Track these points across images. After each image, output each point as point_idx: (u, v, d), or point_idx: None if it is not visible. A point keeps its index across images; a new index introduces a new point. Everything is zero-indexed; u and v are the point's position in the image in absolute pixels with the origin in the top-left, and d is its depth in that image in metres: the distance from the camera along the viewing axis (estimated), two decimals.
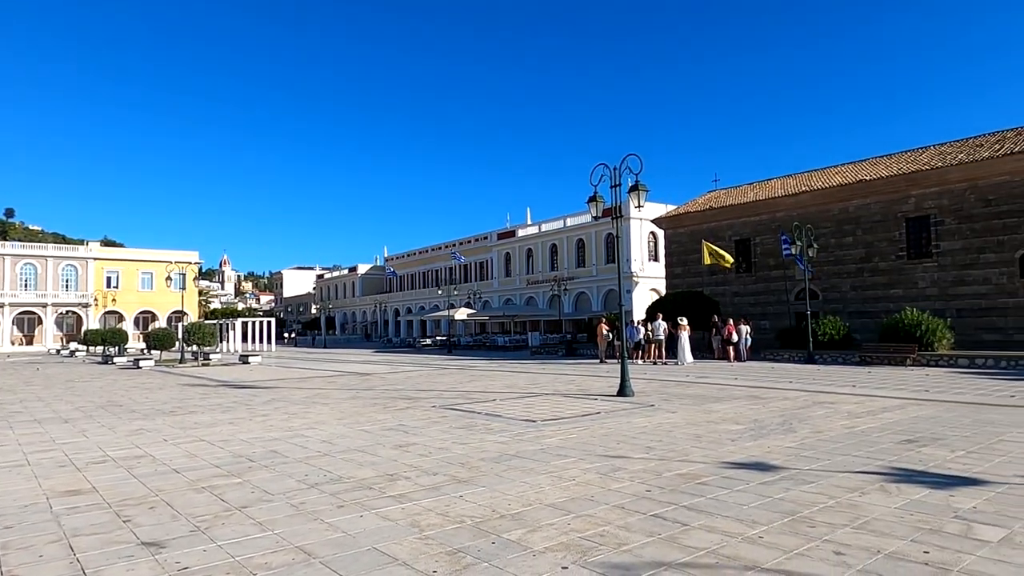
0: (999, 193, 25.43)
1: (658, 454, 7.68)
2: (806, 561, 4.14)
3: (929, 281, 27.19)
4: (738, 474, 6.58)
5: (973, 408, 11.32)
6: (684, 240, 37.16)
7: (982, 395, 13.26)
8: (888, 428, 9.29)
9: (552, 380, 18.53)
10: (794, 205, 31.77)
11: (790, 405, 12.05)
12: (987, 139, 28.38)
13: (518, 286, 59.39)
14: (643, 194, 13.90)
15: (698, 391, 14.84)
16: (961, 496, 5.63)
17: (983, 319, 25.50)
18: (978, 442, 8.11)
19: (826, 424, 9.74)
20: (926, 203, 27.47)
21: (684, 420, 10.42)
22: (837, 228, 30.21)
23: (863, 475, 6.47)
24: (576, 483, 6.31)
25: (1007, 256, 25.14)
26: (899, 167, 29.31)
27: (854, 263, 29.63)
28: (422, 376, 21.46)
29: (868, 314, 28.06)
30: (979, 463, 6.93)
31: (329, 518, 5.25)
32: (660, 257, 43.56)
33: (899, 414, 10.68)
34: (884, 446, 7.95)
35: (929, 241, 27.38)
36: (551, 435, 9.13)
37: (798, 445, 8.11)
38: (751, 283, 33.71)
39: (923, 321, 22.71)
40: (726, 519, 5.06)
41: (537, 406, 12.49)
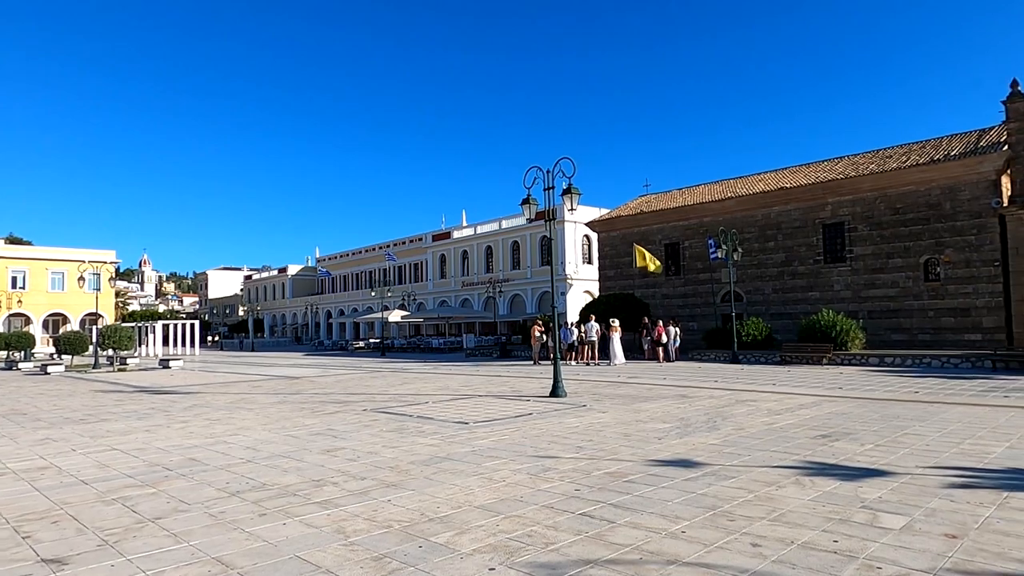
0: (905, 202, 27.13)
1: (588, 453, 7.79)
2: (725, 554, 4.28)
3: (843, 284, 28.72)
4: (664, 471, 6.74)
5: (881, 404, 12.00)
6: (617, 243, 37.91)
7: (890, 391, 14.08)
8: (804, 424, 9.74)
9: (486, 382, 18.52)
10: (721, 211, 32.93)
11: (715, 403, 12.46)
12: (895, 151, 30.23)
13: (453, 288, 59.15)
14: (576, 197, 14.09)
15: (628, 391, 15.15)
16: (868, 487, 5.95)
17: (891, 320, 27.13)
18: (885, 436, 8.60)
19: (748, 421, 10.12)
20: (841, 210, 29.01)
21: (614, 420, 10.61)
22: (760, 233, 31.50)
23: (780, 469, 6.75)
24: (506, 484, 6.31)
25: (913, 261, 26.83)
26: (817, 176, 30.84)
27: (776, 267, 30.97)
28: (354, 379, 21.06)
29: (788, 315, 29.37)
30: (885, 456, 7.35)
31: (250, 527, 5.06)
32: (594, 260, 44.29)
33: (815, 411, 11.20)
34: (800, 441, 8.32)
35: (843, 246, 28.92)
36: (483, 437, 9.12)
37: (721, 442, 8.39)
38: (680, 286, 34.71)
39: (838, 322, 23.94)
40: (651, 516, 5.17)
41: (470, 408, 12.45)
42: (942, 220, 26.17)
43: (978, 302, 25.19)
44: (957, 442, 8.07)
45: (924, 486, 5.96)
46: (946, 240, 26.01)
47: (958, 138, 28.48)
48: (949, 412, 10.70)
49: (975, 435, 8.53)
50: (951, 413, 10.58)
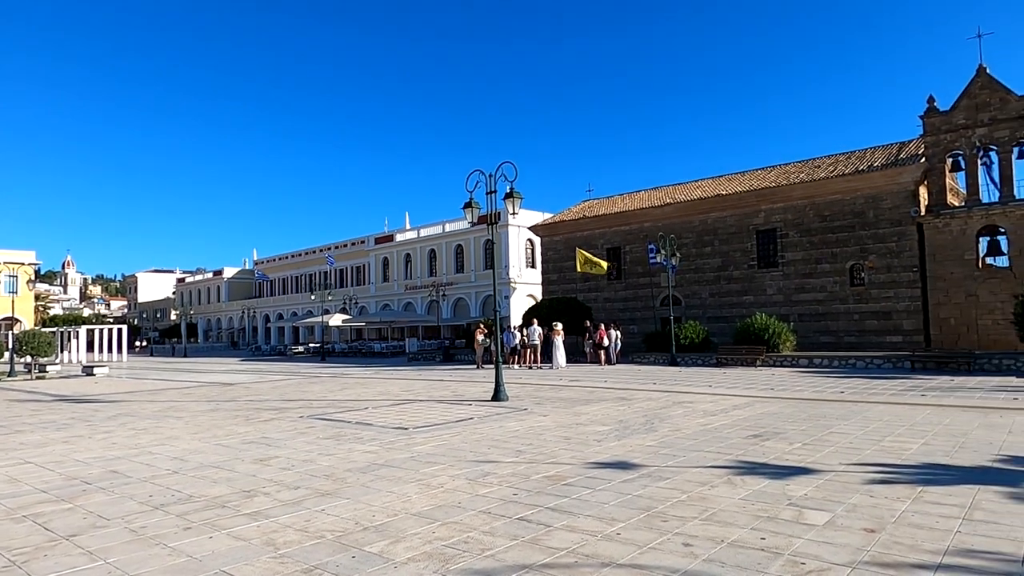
0: (833, 210, 28.39)
1: (527, 457, 7.80)
2: (658, 554, 4.34)
3: (776, 288, 29.80)
4: (602, 473, 6.81)
5: (810, 404, 12.48)
6: (560, 247, 38.28)
7: (817, 392, 14.67)
8: (737, 424, 10.03)
9: (428, 386, 18.36)
10: (660, 216, 33.68)
11: (653, 405, 12.70)
12: (824, 161, 31.61)
13: (396, 291, 58.49)
14: (518, 201, 14.15)
15: (570, 394, 15.29)
16: (795, 485, 6.16)
17: (820, 323, 28.31)
18: (812, 435, 8.94)
19: (684, 422, 10.35)
20: (773, 217, 30.12)
21: (555, 423, 10.67)
22: (698, 239, 32.38)
23: (713, 469, 6.92)
24: (444, 490, 6.25)
25: (840, 267, 28.09)
26: (751, 184, 31.93)
27: (712, 271, 31.88)
28: (291, 385, 20.52)
29: (724, 319, 30.27)
30: (812, 454, 7.63)
31: (173, 542, 4.84)
32: (538, 264, 44.57)
33: (748, 411, 11.56)
34: (733, 441, 8.56)
35: (776, 252, 30.03)
36: (423, 442, 9.02)
37: (658, 443, 8.55)
38: (621, 290, 35.31)
39: (770, 325, 24.80)
40: (587, 518, 5.21)
41: (410, 413, 12.31)
42: (866, 228, 27.50)
43: (899, 306, 26.56)
44: (878, 439, 8.46)
45: (847, 483, 6.21)
46: (870, 247, 27.34)
47: (881, 150, 30.00)
48: (871, 411, 11.21)
49: (894, 432, 8.97)
50: (873, 412, 11.09)
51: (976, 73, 25.32)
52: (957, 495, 5.69)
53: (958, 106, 25.55)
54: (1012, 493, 5.75)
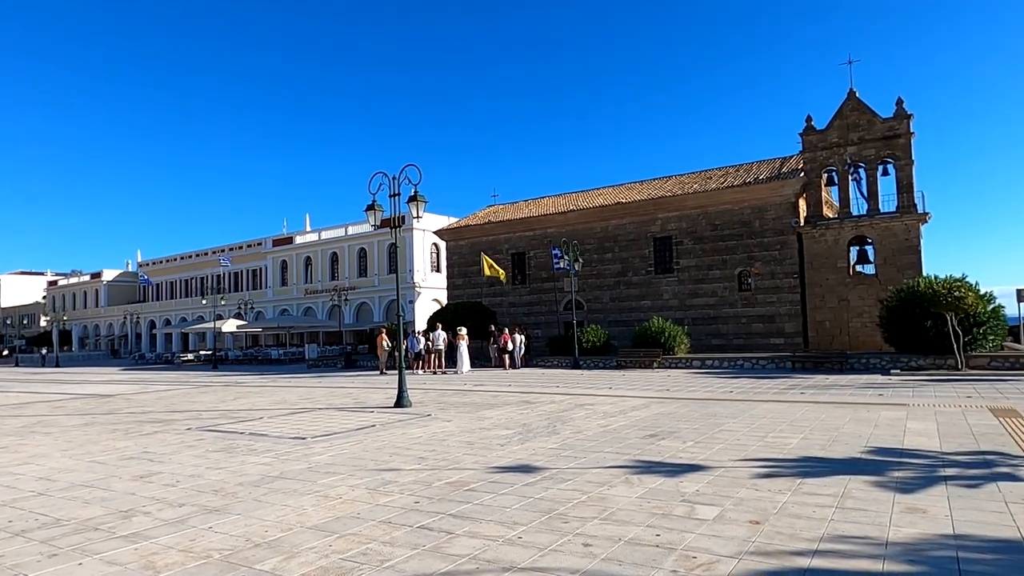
0: (723, 219, 30.07)
1: (430, 464, 7.70)
2: (558, 556, 4.39)
3: (671, 293, 31.18)
4: (505, 478, 6.83)
5: (702, 403, 13.11)
6: (465, 252, 38.28)
7: (709, 392, 15.44)
8: (635, 425, 10.37)
9: (328, 394, 17.79)
10: (563, 222, 34.42)
11: (556, 408, 12.91)
12: (715, 172, 33.44)
13: (295, 296, 56.41)
14: (422, 205, 14.00)
15: (474, 399, 15.27)
16: (688, 482, 6.43)
17: (711, 326, 29.87)
18: (704, 433, 9.38)
19: (585, 424, 10.58)
20: (669, 225, 31.52)
21: (459, 428, 10.61)
22: (599, 245, 33.34)
23: (612, 469, 7.11)
24: (343, 501, 6.05)
25: (729, 273, 29.77)
26: (649, 193, 33.27)
27: (613, 277, 32.92)
28: (179, 395, 19.30)
29: (624, 322, 31.31)
30: (704, 451, 8.00)
31: (35, 571, 4.39)
32: (443, 268, 44.35)
33: (645, 412, 11.98)
34: (631, 441, 8.84)
35: (671, 258, 31.43)
36: (321, 452, 8.71)
37: (560, 445, 8.68)
38: (526, 294, 35.76)
39: (666, 329, 25.89)
40: (489, 523, 5.19)
41: (309, 422, 11.87)
42: (752, 236, 29.31)
43: (781, 309, 28.47)
44: (763, 436, 9.00)
45: (735, 478, 6.55)
46: (756, 254, 29.15)
47: (766, 164, 32.11)
48: (757, 409, 11.92)
49: (777, 429, 9.57)
50: (759, 410, 11.80)
51: (847, 96, 27.63)
52: (831, 485, 6.13)
53: (832, 126, 27.79)
54: (878, 482, 6.26)
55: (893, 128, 26.65)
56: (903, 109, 26.59)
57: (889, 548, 4.41)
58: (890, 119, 26.75)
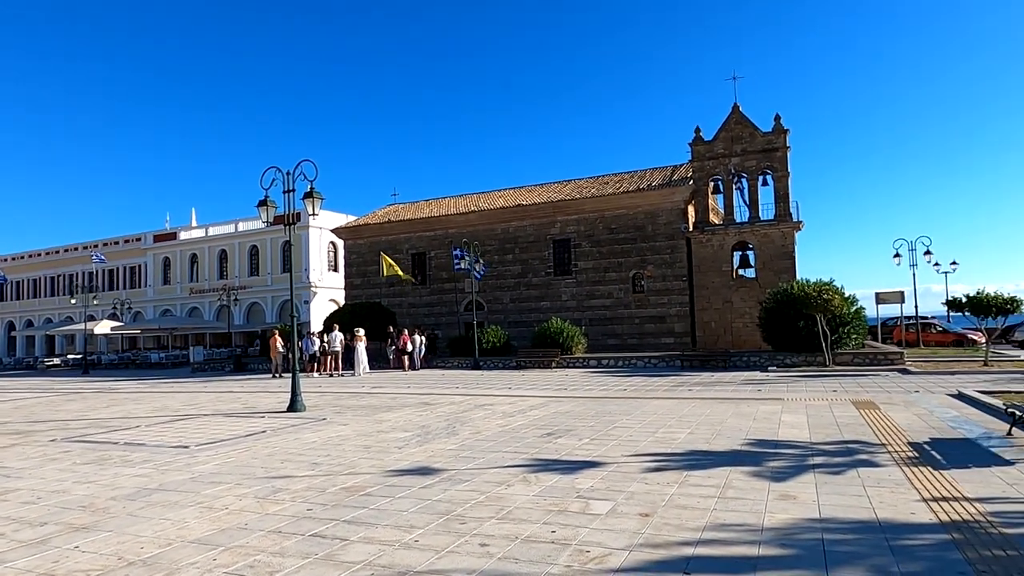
0: (619, 223, 31.16)
1: (324, 469, 7.46)
2: (456, 558, 4.38)
3: (570, 295, 31.94)
4: (402, 481, 6.73)
5: (597, 401, 13.51)
6: (364, 251, 37.45)
7: (604, 390, 15.94)
8: (534, 424, 10.53)
9: (215, 399, 16.85)
10: (464, 223, 34.44)
11: (455, 409, 12.88)
12: (612, 178, 34.59)
13: (179, 295, 53.00)
14: (318, 202, 13.56)
15: (372, 401, 14.96)
16: (583, 478, 6.60)
17: (607, 326, 30.87)
18: (599, 430, 9.67)
19: (485, 425, 10.63)
20: (568, 228, 32.28)
21: (355, 432, 10.36)
22: (500, 246, 33.62)
23: (511, 469, 7.18)
24: (229, 512, 5.74)
25: (624, 275, 30.89)
26: (549, 196, 33.92)
27: (513, 278, 33.30)
28: (42, 404, 17.63)
29: (524, 323, 31.73)
30: (598, 448, 8.25)
31: None
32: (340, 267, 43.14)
33: (543, 411, 12.19)
34: (529, 440, 8.97)
35: (570, 260, 32.20)
36: (206, 461, 8.22)
37: (459, 446, 8.67)
38: (426, 295, 35.46)
39: (564, 329, 26.49)
40: (386, 528, 5.10)
41: (193, 429, 11.19)
42: (646, 240, 30.57)
43: (671, 311, 29.87)
44: (653, 431, 9.39)
45: (627, 472, 6.80)
46: (648, 257, 30.42)
47: (659, 171, 33.59)
48: (649, 406, 12.43)
49: (667, 424, 10.02)
50: (650, 406, 12.31)
51: (732, 110, 29.41)
52: (715, 477, 6.50)
53: (718, 137, 29.47)
54: (755, 472, 6.70)
55: (772, 142, 28.63)
56: (780, 124, 28.62)
57: (764, 534, 4.72)
58: (769, 133, 28.71)
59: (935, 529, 4.73)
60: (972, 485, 5.95)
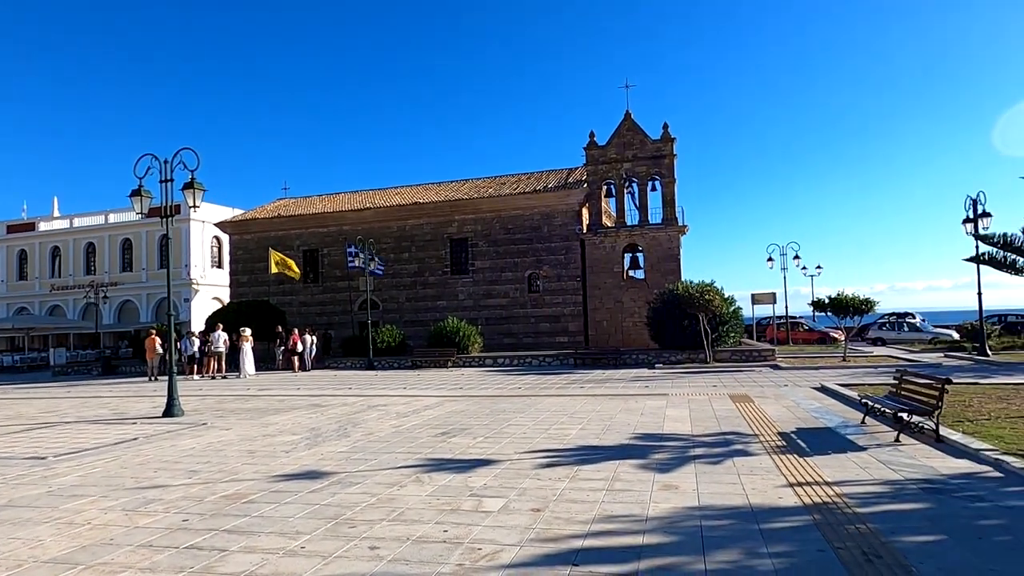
0: (516, 224, 31.53)
1: (203, 477, 7.03)
2: (344, 562, 4.25)
3: (467, 294, 31.96)
4: (288, 486, 6.46)
5: (492, 400, 13.60)
6: (251, 247, 35.68)
7: (499, 388, 16.07)
8: (428, 424, 10.44)
9: (79, 405, 15.46)
10: (359, 220, 33.62)
11: (348, 411, 12.54)
12: (510, 178, 34.95)
13: (38, 292, 48.20)
14: (200, 193, 12.76)
15: (258, 404, 14.28)
16: (477, 476, 6.61)
17: (504, 326, 31.15)
18: (493, 428, 9.73)
19: (378, 426, 10.41)
20: (466, 227, 32.29)
21: (239, 436, 9.84)
22: (396, 244, 33.10)
23: (404, 469, 7.07)
24: (92, 527, 5.28)
25: (520, 275, 31.29)
26: (446, 194, 33.78)
27: (409, 277, 32.88)
28: None
29: (420, 322, 31.40)
30: (492, 446, 8.30)
31: None
32: (225, 264, 40.84)
33: (438, 411, 12.12)
34: (423, 440, 8.87)
35: (467, 260, 32.22)
36: (66, 473, 7.52)
37: (350, 448, 8.44)
38: (319, 293, 34.31)
39: (461, 328, 26.48)
40: (270, 535, 4.87)
41: (51, 439, 10.20)
42: (542, 241, 31.13)
43: (566, 310, 30.59)
44: (546, 428, 9.57)
45: (520, 469, 6.88)
46: (544, 258, 30.99)
47: (555, 173, 34.30)
48: (542, 403, 12.66)
49: (559, 421, 10.24)
50: (544, 404, 12.54)
51: (624, 117, 30.54)
52: (604, 471, 6.71)
53: (611, 143, 30.50)
54: (642, 464, 6.98)
55: (660, 149, 30.00)
56: (668, 133, 30.04)
57: (648, 523, 4.93)
58: (658, 141, 30.06)
59: (799, 512, 5.13)
60: (831, 470, 6.49)
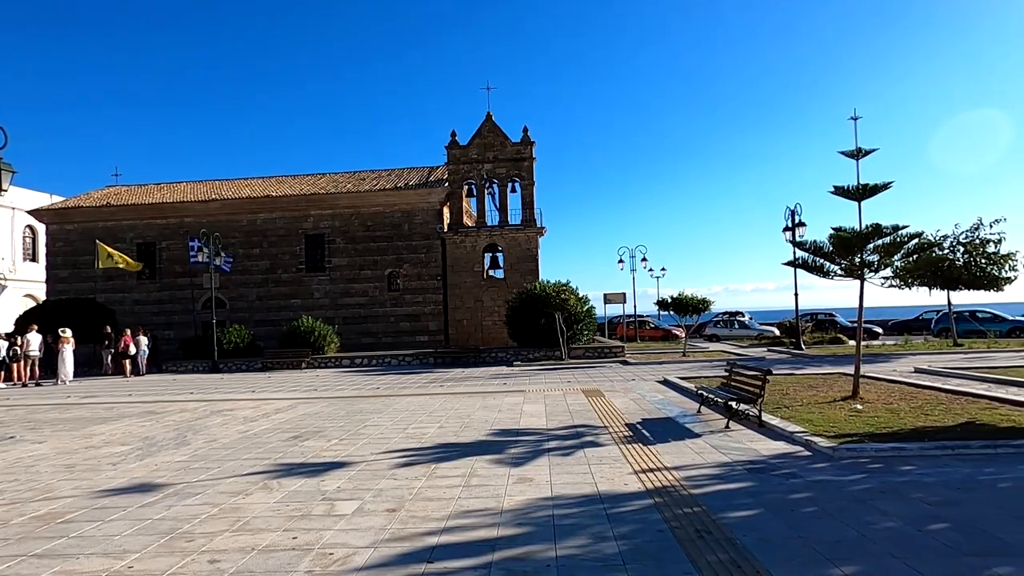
0: (375, 221, 30.88)
1: (10, 497, 6.19)
2: None
3: (323, 292, 30.81)
4: (115, 501, 5.86)
5: (349, 401, 13.21)
6: (74, 239, 31.96)
7: (357, 389, 15.65)
8: (279, 428, 9.93)
9: None
10: (204, 212, 31.27)
11: (188, 417, 11.61)
12: (369, 174, 34.14)
13: None
14: (7, 175, 11.19)
15: (80, 413, 12.82)
16: (330, 480, 6.39)
17: (362, 325, 30.39)
18: (349, 430, 9.45)
19: (222, 432, 9.74)
20: (322, 223, 31.11)
21: (54, 450, 8.77)
22: (246, 239, 31.16)
23: (250, 476, 6.67)
24: None
25: (380, 273, 30.69)
26: (302, 188, 32.34)
27: (261, 274, 31.10)
28: None
29: (272, 322, 29.80)
30: (348, 448, 8.05)
31: None
32: (42, 257, 36.25)
33: (290, 413, 11.56)
34: (273, 445, 8.42)
35: (324, 257, 31.07)
36: None
37: (190, 458, 7.82)
38: (155, 291, 31.48)
39: (316, 328, 25.49)
40: (91, 557, 4.38)
41: None
42: (402, 239, 30.74)
43: (426, 309, 30.44)
44: (404, 428, 9.46)
45: (376, 470, 6.74)
46: (405, 256, 30.63)
47: (416, 171, 33.99)
48: (401, 403, 12.49)
49: (418, 420, 10.16)
50: (402, 403, 12.38)
51: (486, 119, 30.93)
52: (461, 467, 6.74)
53: (473, 143, 30.78)
54: (498, 459, 7.10)
55: (520, 152, 30.73)
56: (528, 136, 30.84)
57: (503, 516, 5.02)
58: (518, 144, 30.77)
59: (642, 496, 5.47)
60: (670, 456, 6.99)
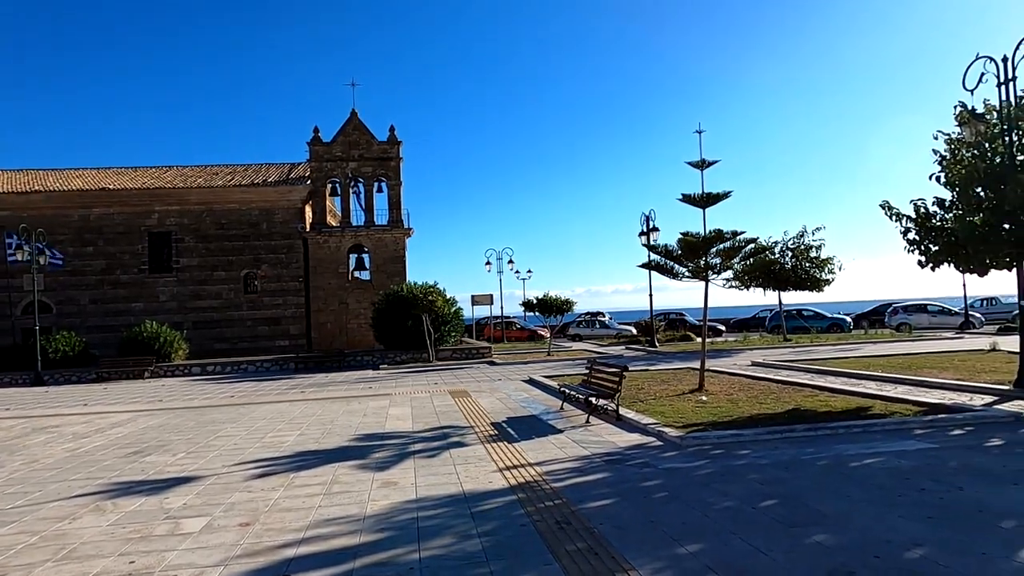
0: (230, 219, 29.01)
1: None
2: None
3: (170, 295, 28.46)
4: None
5: (199, 411, 12.29)
6: None
7: (208, 398, 14.61)
8: (116, 443, 9.03)
9: None
10: (25, 205, 27.80)
11: (3, 436, 10.25)
12: (223, 169, 32.01)
13: None
14: None
15: None
16: (175, 496, 5.90)
17: (215, 330, 28.42)
18: (198, 442, 8.79)
19: (45, 451, 8.69)
20: (168, 220, 28.74)
21: None
22: (77, 236, 28.09)
23: (80, 499, 6.00)
24: None
25: (235, 274, 28.86)
26: (144, 181, 29.69)
27: (96, 275, 28.16)
28: None
29: (110, 328, 27.06)
30: (196, 461, 7.49)
31: None
32: None
33: (130, 427, 10.56)
34: (108, 463, 7.64)
35: (170, 256, 28.71)
36: None
37: (4, 482, 6.90)
38: None
39: (162, 333, 23.51)
40: None
41: None
42: (260, 239, 29.11)
43: (287, 312, 29.05)
44: (261, 436, 8.95)
45: (228, 483, 6.32)
46: (263, 257, 29.04)
47: (276, 167, 32.33)
48: (258, 411, 11.82)
49: (276, 428, 9.66)
50: (259, 411, 11.71)
51: (350, 116, 30.09)
52: (322, 475, 6.49)
53: (337, 141, 29.82)
54: (362, 464, 6.92)
55: (387, 152, 30.19)
56: (395, 136, 30.38)
57: (366, 521, 4.90)
58: (384, 143, 30.21)
59: (506, 492, 5.56)
60: (534, 452, 7.17)
